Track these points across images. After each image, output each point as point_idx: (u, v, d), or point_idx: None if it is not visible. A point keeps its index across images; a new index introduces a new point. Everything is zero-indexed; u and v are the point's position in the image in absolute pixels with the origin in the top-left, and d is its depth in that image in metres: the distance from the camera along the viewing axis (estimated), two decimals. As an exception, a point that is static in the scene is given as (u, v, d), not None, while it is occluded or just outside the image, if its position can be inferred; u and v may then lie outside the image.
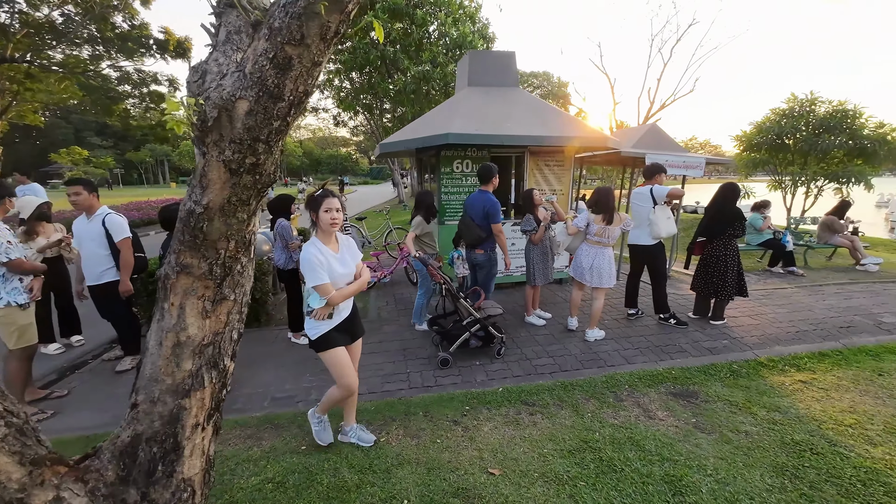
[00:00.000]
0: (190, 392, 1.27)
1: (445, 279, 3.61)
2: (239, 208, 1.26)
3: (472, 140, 4.74)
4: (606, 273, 4.01)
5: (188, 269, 1.23)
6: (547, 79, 31.83)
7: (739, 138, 11.36)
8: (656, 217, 4.30)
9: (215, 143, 1.17)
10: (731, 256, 4.44)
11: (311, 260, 2.17)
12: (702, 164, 6.12)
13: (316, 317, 2.30)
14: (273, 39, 1.13)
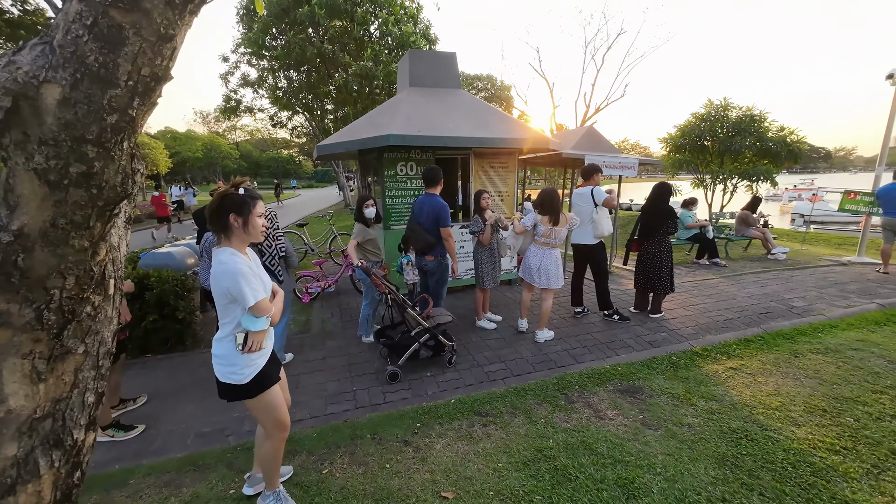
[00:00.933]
0: (16, 487, 0.95)
1: (391, 288, 3.41)
2: (72, 233, 0.96)
3: (414, 142, 4.58)
4: (554, 274, 4.03)
5: (1, 319, 0.91)
6: (490, 82, 32.53)
7: (665, 140, 12.24)
8: (599, 217, 4.42)
9: (18, 144, 0.87)
10: (666, 253, 4.68)
11: (245, 272, 1.76)
12: (635, 164, 6.44)
13: (255, 348, 1.87)
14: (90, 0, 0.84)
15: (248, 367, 1.91)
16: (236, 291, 1.77)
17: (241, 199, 1.81)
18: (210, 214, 1.80)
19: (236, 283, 1.76)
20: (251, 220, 1.84)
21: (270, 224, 3.55)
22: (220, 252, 1.81)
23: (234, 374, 1.89)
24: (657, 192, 4.62)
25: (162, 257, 4.76)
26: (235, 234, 1.84)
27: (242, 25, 10.47)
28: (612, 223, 4.46)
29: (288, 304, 3.83)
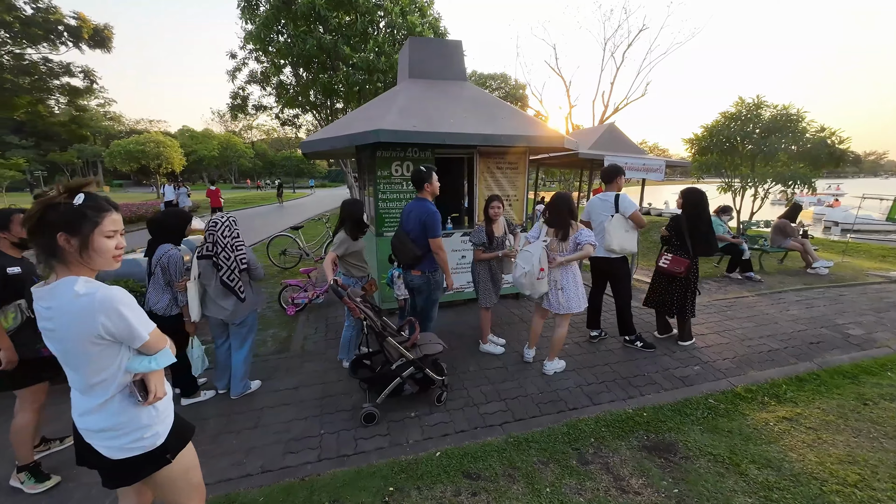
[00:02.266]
0: None
1: (367, 314, 2.83)
2: None
3: (408, 138, 4.01)
4: (574, 295, 3.38)
5: None
6: (505, 81, 31.77)
7: (690, 141, 11.39)
8: (612, 226, 3.75)
9: None
10: (696, 271, 4.00)
11: (123, 298, 1.29)
12: (661, 167, 5.75)
13: (160, 393, 1.40)
14: None
15: (159, 423, 1.44)
16: (119, 327, 1.27)
17: (74, 213, 1.24)
18: (29, 232, 1.25)
19: (117, 314, 1.26)
20: (93, 240, 1.27)
21: (230, 231, 3.03)
22: (67, 283, 1.25)
23: (141, 440, 1.39)
24: (694, 201, 3.91)
25: (127, 264, 4.30)
26: (72, 262, 1.28)
27: (245, 20, 10.09)
28: (633, 240, 3.77)
29: (253, 325, 3.29)
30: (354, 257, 3.66)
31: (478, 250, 3.72)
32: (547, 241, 3.34)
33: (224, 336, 3.30)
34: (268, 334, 4.65)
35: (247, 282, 3.18)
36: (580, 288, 3.41)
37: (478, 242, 3.70)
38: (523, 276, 3.28)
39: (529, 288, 3.28)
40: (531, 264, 3.23)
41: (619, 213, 3.72)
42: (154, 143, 32.03)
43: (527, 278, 3.26)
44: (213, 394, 3.36)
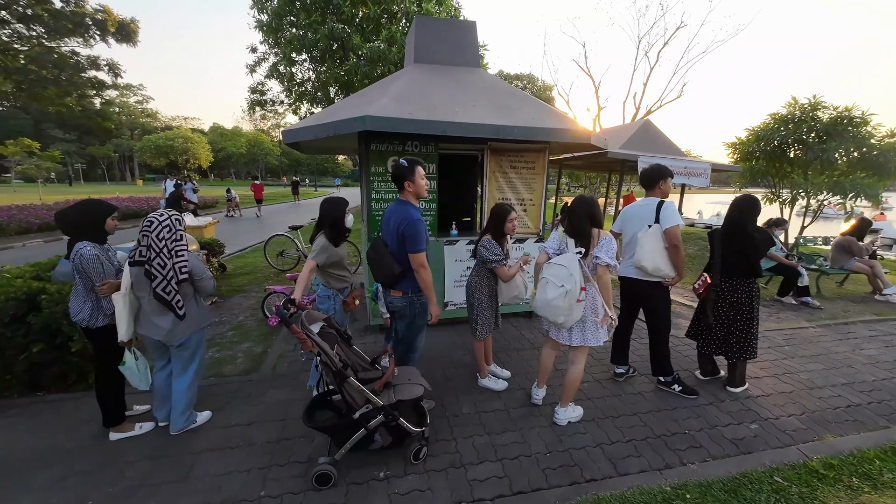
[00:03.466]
0: None
1: (322, 347, 2.18)
2: None
3: (401, 127, 3.37)
4: (591, 324, 2.66)
5: None
6: (531, 81, 30.87)
7: (734, 146, 10.33)
8: (646, 239, 2.99)
9: None
10: (756, 298, 3.19)
11: None
12: (706, 171, 4.91)
13: None
14: None
15: None
16: None
17: None
18: None
19: None
20: None
21: (169, 233, 2.46)
22: None
23: None
24: (745, 210, 3.11)
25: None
26: None
27: (258, 10, 9.74)
28: (667, 261, 2.98)
29: (198, 347, 2.72)
30: (336, 267, 3.06)
31: (501, 267, 3.00)
32: (581, 252, 2.60)
33: (165, 359, 2.74)
34: (240, 349, 4.10)
35: (190, 295, 2.61)
36: (600, 314, 2.67)
37: (492, 258, 2.98)
38: (561, 298, 2.48)
39: (565, 313, 2.52)
40: (572, 282, 2.47)
41: (658, 225, 2.96)
42: (182, 139, 32.96)
43: (566, 299, 2.48)
44: (153, 426, 2.80)
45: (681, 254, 2.95)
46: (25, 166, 35.12)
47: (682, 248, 2.96)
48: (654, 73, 19.08)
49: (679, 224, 2.93)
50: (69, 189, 38.25)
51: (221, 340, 4.29)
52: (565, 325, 2.59)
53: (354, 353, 2.60)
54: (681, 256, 2.95)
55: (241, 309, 5.30)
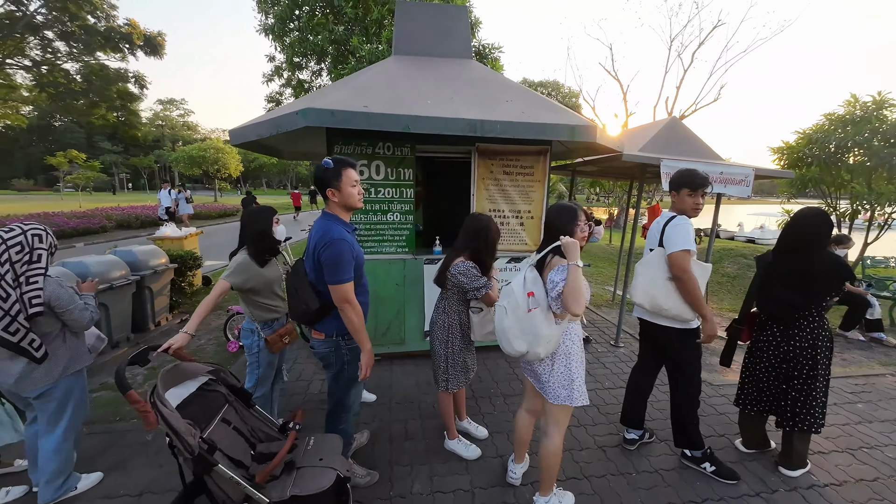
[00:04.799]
0: None
1: (172, 425, 1.53)
2: None
3: (349, 122, 2.74)
4: (572, 373, 1.89)
5: None
6: (556, 88, 29.94)
7: (780, 151, 9.16)
8: (641, 266, 2.29)
9: None
10: (824, 346, 2.30)
11: None
12: (749, 178, 4.01)
13: None
14: None
15: None
16: None
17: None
18: None
19: None
20: None
21: (21, 254, 1.92)
22: None
23: None
24: (817, 230, 2.25)
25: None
26: None
27: (263, 14, 9.55)
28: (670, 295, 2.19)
29: (69, 397, 2.13)
30: (259, 293, 2.45)
31: (489, 293, 2.30)
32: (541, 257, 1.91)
33: (33, 410, 2.19)
34: (181, 382, 3.54)
35: (56, 332, 2.05)
36: (582, 367, 1.91)
37: (482, 286, 2.26)
38: (504, 318, 1.83)
39: (518, 335, 1.81)
40: (508, 293, 1.85)
41: (661, 249, 2.19)
42: (214, 149, 33.96)
43: (509, 316, 1.82)
44: (24, 491, 2.25)
45: (689, 286, 2.13)
46: (74, 176, 37.52)
47: (691, 280, 2.13)
48: (688, 76, 17.77)
49: (688, 249, 2.13)
50: (111, 197, 40.42)
51: (165, 370, 3.76)
52: (531, 355, 1.84)
53: (256, 417, 1.96)
54: (690, 290, 2.14)
55: (208, 330, 4.80)
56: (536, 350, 1.81)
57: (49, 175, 47.75)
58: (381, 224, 3.67)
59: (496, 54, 11.28)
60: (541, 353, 1.82)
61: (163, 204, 13.05)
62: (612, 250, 11.87)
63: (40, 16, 14.60)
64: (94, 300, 2.24)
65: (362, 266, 2.05)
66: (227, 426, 1.80)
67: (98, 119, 17.32)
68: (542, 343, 1.79)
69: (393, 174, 3.60)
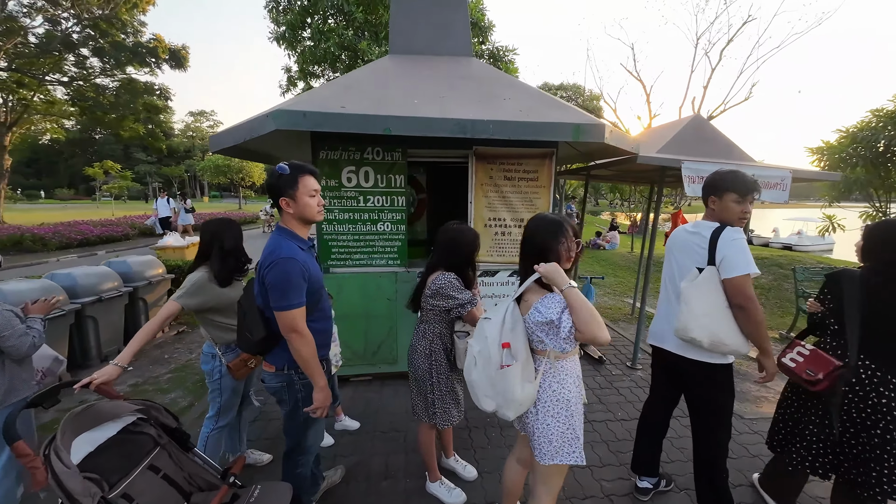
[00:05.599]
0: None
1: (65, 486, 1.28)
2: None
3: (323, 124, 2.49)
4: (562, 424, 1.55)
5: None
6: (577, 91, 29.25)
7: (820, 151, 8.46)
8: (695, 292, 1.81)
9: None
10: None
11: None
12: (785, 181, 3.55)
13: None
14: None
15: None
16: None
17: None
18: None
19: None
20: None
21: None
22: None
23: None
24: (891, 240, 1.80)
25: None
26: None
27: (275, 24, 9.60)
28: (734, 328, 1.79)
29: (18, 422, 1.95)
30: (223, 313, 2.22)
31: (475, 311, 1.98)
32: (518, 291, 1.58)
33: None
34: (161, 402, 3.36)
35: None
36: (578, 412, 1.57)
37: (467, 301, 1.96)
38: (473, 369, 1.57)
39: (490, 392, 1.53)
40: (481, 340, 1.55)
41: (714, 268, 1.80)
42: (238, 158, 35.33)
43: (480, 372, 1.54)
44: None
45: (758, 316, 1.74)
46: (109, 185, 39.47)
47: (758, 309, 1.73)
48: (716, 74, 16.92)
49: (751, 273, 1.72)
50: (144, 205, 42.18)
51: (146, 387, 3.61)
52: (501, 415, 1.55)
53: (194, 461, 1.70)
54: (758, 320, 1.74)
55: (201, 344, 4.65)
56: (505, 413, 1.52)
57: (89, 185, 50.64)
58: (370, 234, 3.42)
59: (510, 57, 10.99)
60: (510, 415, 1.52)
61: (160, 214, 12.34)
62: (633, 258, 11.26)
63: (75, 34, 15.33)
64: (41, 323, 2.05)
65: (321, 288, 1.77)
66: (154, 475, 1.55)
67: (127, 131, 17.97)
68: (513, 407, 1.49)
69: (383, 181, 3.34)
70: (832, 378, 1.77)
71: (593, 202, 48.20)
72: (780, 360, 2.02)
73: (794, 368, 1.93)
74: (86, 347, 3.88)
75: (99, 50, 15.82)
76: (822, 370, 1.80)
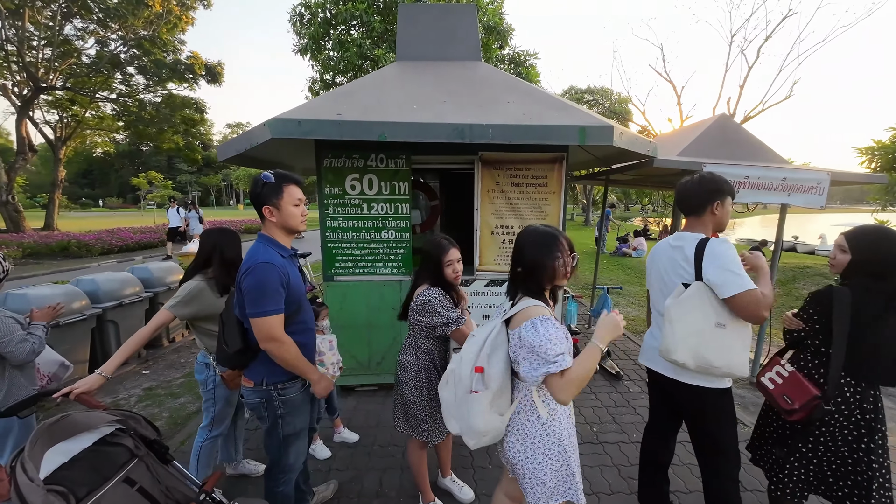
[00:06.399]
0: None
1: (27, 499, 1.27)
2: None
3: (317, 132, 2.46)
4: (564, 463, 1.42)
5: None
6: (605, 94, 28.55)
7: (870, 151, 7.81)
8: (679, 310, 1.63)
9: None
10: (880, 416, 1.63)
11: None
12: (822, 184, 3.25)
13: None
14: None
15: None
16: None
17: None
18: None
19: None
20: None
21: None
22: None
23: None
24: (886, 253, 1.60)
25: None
26: None
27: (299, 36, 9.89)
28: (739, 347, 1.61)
29: (18, 427, 2.01)
30: (216, 323, 2.21)
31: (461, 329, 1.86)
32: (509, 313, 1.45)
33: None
34: (171, 405, 3.44)
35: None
36: (572, 448, 1.43)
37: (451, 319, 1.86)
38: (445, 386, 1.54)
39: (455, 414, 1.47)
40: (456, 359, 1.50)
41: (703, 283, 1.62)
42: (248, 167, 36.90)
43: (449, 389, 1.50)
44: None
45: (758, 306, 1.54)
46: (153, 195, 42.01)
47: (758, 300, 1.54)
48: (752, 73, 16.05)
49: (749, 287, 1.54)
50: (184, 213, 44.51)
51: (159, 391, 3.69)
52: (468, 441, 1.43)
53: (173, 474, 1.68)
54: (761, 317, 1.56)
55: (217, 348, 4.76)
56: (467, 441, 1.41)
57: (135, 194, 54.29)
58: (374, 242, 3.38)
59: (532, 61, 10.84)
60: (470, 444, 1.41)
61: (171, 223, 11.93)
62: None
63: (122, 53, 16.43)
64: (43, 330, 2.11)
65: (301, 298, 1.72)
66: (129, 488, 1.53)
67: (167, 143, 19.04)
68: (474, 436, 1.39)
69: (387, 188, 3.30)
70: (808, 409, 1.63)
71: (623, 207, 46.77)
72: (759, 378, 1.87)
73: (771, 391, 1.78)
74: (107, 351, 4.03)
75: (143, 68, 16.92)
76: (798, 399, 1.67)
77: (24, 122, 14.95)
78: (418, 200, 4.89)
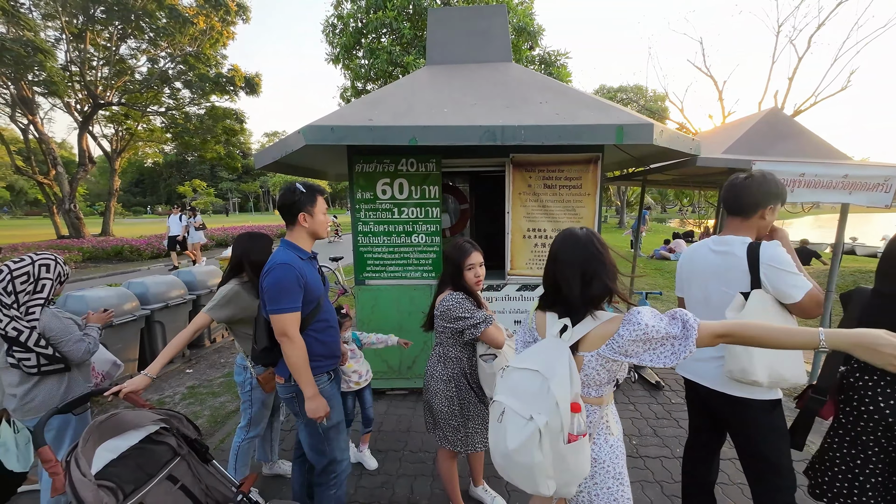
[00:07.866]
0: None
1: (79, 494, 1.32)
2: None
3: (349, 138, 2.50)
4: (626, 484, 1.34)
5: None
6: (639, 92, 27.60)
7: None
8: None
9: None
10: None
11: None
12: (890, 181, 2.96)
13: None
14: None
15: None
16: None
17: None
18: None
19: None
20: None
21: (25, 283, 1.95)
22: None
23: None
24: None
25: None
26: None
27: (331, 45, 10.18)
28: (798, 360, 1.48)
29: (75, 422, 2.13)
30: (252, 325, 2.28)
31: (489, 330, 1.80)
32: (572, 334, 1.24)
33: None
34: (212, 404, 3.57)
35: (63, 376, 2.05)
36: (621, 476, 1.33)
37: (477, 321, 1.80)
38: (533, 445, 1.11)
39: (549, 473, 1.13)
40: (550, 405, 1.11)
41: (761, 291, 1.49)
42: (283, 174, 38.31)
43: (543, 446, 1.10)
44: (36, 514, 2.29)
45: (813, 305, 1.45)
46: (196, 201, 44.48)
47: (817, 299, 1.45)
48: (803, 63, 14.96)
49: (810, 288, 1.42)
50: (224, 218, 46.82)
51: (201, 390, 3.85)
52: (558, 496, 1.20)
53: (213, 474, 1.72)
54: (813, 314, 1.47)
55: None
56: (568, 490, 1.18)
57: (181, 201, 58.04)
58: (405, 247, 3.38)
59: (563, 61, 10.64)
60: (572, 492, 1.19)
61: (171, 232, 10.41)
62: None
63: (170, 70, 17.52)
64: (97, 331, 2.24)
65: (319, 297, 1.76)
66: (172, 485, 1.59)
67: (209, 153, 20.08)
68: (574, 483, 1.18)
69: (417, 192, 3.30)
70: (803, 398, 1.58)
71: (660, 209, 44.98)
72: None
73: None
74: (154, 350, 4.25)
75: (188, 82, 17.96)
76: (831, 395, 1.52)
77: (85, 137, 16.24)
78: (448, 204, 4.87)
